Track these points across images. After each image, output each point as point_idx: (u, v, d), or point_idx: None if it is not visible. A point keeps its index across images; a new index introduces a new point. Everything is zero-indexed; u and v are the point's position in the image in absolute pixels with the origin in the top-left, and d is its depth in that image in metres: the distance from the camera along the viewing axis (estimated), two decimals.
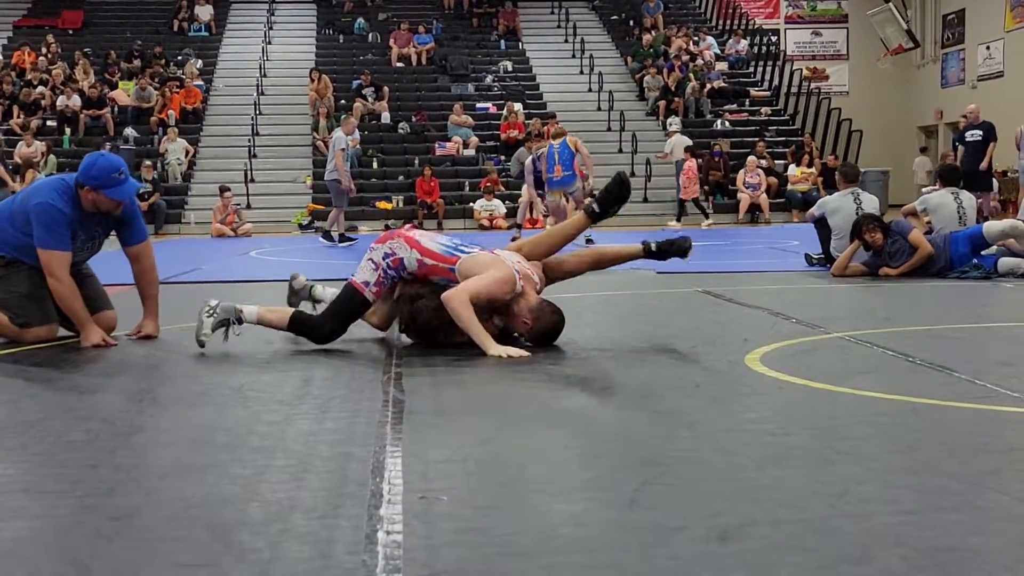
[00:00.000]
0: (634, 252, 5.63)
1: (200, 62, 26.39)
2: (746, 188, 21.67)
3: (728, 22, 29.54)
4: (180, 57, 26.43)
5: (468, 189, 22.30)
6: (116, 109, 23.97)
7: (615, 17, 29.73)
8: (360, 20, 28.82)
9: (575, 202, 14.47)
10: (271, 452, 3.20)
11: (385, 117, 24.53)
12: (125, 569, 2.24)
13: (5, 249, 5.48)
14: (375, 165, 23.12)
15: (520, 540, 2.37)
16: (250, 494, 2.74)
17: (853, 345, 5.21)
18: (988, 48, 28.18)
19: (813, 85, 27.00)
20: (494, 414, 3.78)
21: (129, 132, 23.18)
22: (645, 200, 22.32)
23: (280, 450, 3.23)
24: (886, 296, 7.73)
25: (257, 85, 25.67)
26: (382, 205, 21.69)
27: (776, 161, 22.95)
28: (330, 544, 2.34)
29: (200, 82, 25.36)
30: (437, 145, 23.53)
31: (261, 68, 26.44)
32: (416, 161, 23.01)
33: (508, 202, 21.21)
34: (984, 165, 16.60)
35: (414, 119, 24.33)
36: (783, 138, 24.35)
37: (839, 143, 23.82)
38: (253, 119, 24.12)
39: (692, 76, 25.54)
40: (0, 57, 25.65)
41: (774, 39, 29.10)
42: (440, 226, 20.35)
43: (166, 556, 2.31)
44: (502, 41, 28.35)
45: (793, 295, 7.87)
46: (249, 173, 22.21)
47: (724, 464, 3.00)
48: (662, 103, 24.74)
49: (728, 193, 22.19)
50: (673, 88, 25.30)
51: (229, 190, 20.07)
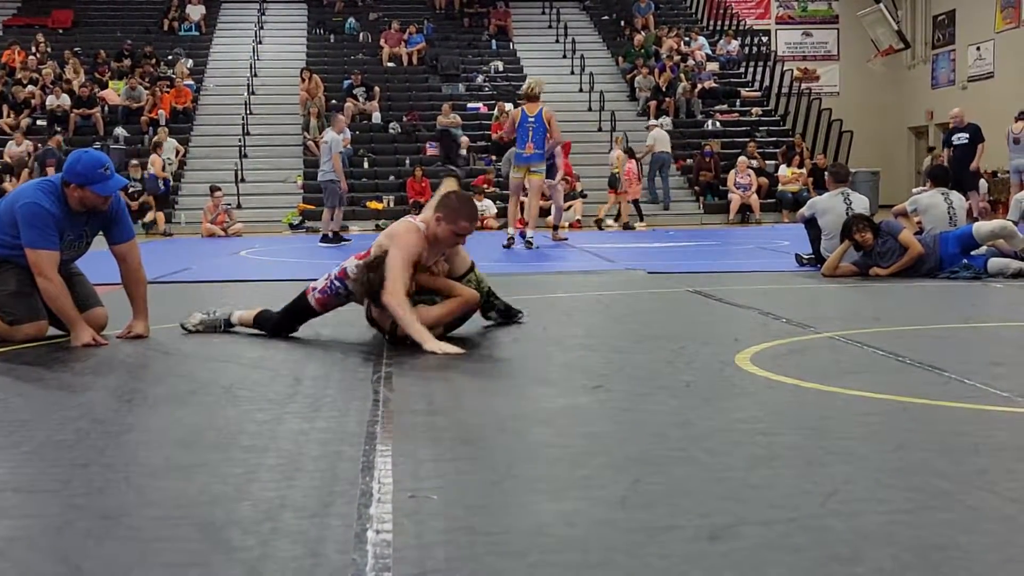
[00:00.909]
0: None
1: (191, 62, 26.37)
2: (736, 188, 21.70)
3: (719, 22, 29.59)
4: (170, 57, 26.40)
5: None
6: (106, 108, 23.92)
7: (606, 17, 29.76)
8: (351, 20, 28.82)
9: (546, 187, 14.29)
10: (261, 451, 3.20)
11: (376, 117, 24.52)
12: (115, 568, 2.23)
13: None
14: (366, 165, 23.11)
15: (510, 539, 2.37)
16: (240, 493, 2.74)
17: (843, 345, 5.22)
18: (978, 49, 28.26)
19: (804, 86, 27.05)
20: (484, 413, 3.78)
21: (119, 132, 23.15)
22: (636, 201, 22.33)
23: (270, 449, 3.22)
24: (876, 296, 7.74)
25: (248, 85, 25.64)
26: (373, 205, 21.68)
27: (767, 161, 22.98)
28: (320, 543, 2.34)
29: (191, 82, 25.33)
30: (428, 145, 23.52)
31: (252, 68, 26.41)
32: (407, 161, 23.01)
33: (499, 202, 21.20)
34: (975, 166, 16.65)
35: (405, 119, 24.33)
36: (774, 139, 24.38)
37: (830, 143, 23.86)
38: (244, 119, 24.09)
39: (683, 76, 25.57)
40: None
41: (765, 40, 29.16)
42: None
43: (156, 555, 2.30)
44: (493, 41, 28.36)
45: (783, 295, 7.88)
46: (240, 173, 22.19)
47: (715, 464, 3.00)
48: (653, 103, 24.76)
49: (719, 193, 22.22)
50: (664, 88, 25.32)
51: (220, 190, 20.05)
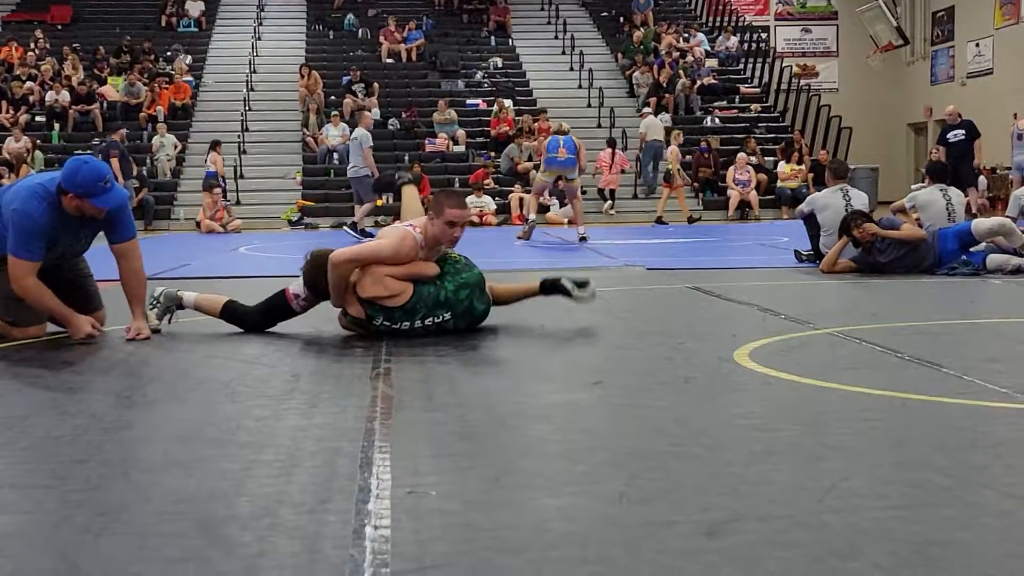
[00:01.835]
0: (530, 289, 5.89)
1: (189, 58, 26.33)
2: (736, 185, 21.68)
3: (718, 19, 29.56)
4: (169, 53, 26.36)
5: (458, 185, 22.28)
6: (105, 105, 23.90)
7: (605, 14, 29.72)
8: (350, 16, 28.78)
9: (568, 193, 14.64)
10: (260, 447, 3.20)
11: (375, 113, 24.49)
12: (113, 564, 2.23)
13: None
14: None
15: (509, 535, 2.37)
16: (238, 489, 2.74)
17: (842, 341, 5.22)
18: (977, 45, 28.25)
19: (803, 82, 27.03)
20: (482, 409, 3.78)
21: (122, 132, 23.09)
22: (635, 197, 22.33)
23: (269, 445, 3.22)
24: (874, 292, 7.74)
25: (247, 81, 25.61)
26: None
27: (766, 158, 22.97)
28: (318, 539, 2.34)
29: (189, 78, 25.29)
30: (427, 141, 23.51)
31: (251, 64, 26.38)
32: (406, 157, 22.99)
33: (498, 199, 21.21)
34: (977, 162, 16.67)
35: (404, 115, 24.31)
36: (773, 135, 24.37)
37: (829, 140, 23.84)
38: (243, 115, 24.07)
39: (682, 73, 25.55)
40: None
41: (764, 36, 29.13)
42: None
43: (154, 551, 2.30)
44: (492, 37, 28.33)
45: (782, 291, 7.88)
46: (239, 169, 22.16)
47: (713, 459, 3.01)
48: (652, 100, 24.74)
49: (718, 190, 22.21)
50: (663, 85, 25.31)
51: (219, 186, 20.02)
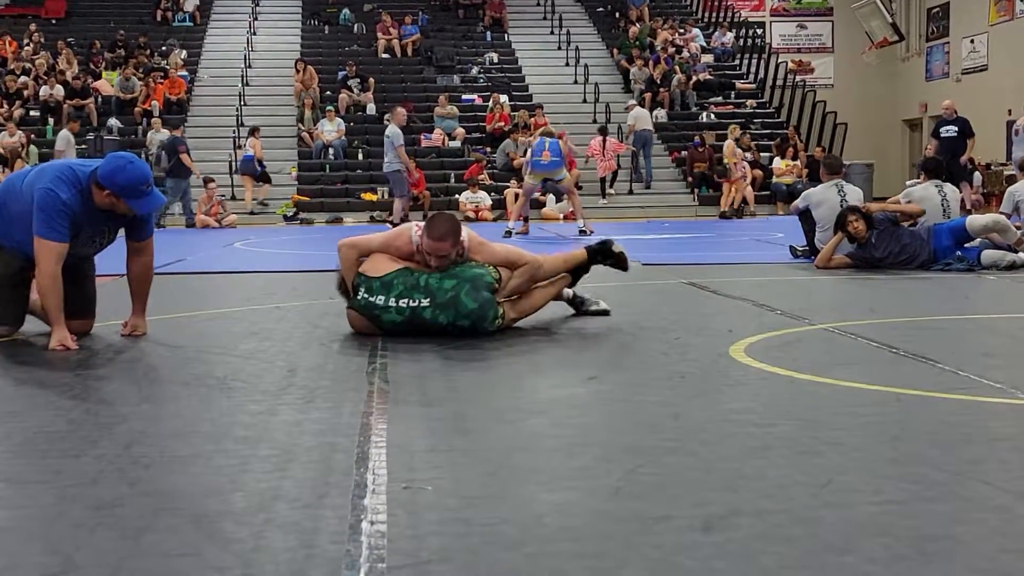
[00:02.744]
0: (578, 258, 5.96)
1: (184, 52, 26.29)
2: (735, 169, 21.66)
3: (713, 14, 29.56)
4: (164, 47, 26.32)
5: (454, 181, 22.28)
6: (100, 99, 23.86)
7: (601, 9, 29.72)
8: (345, 11, 28.75)
9: (563, 192, 14.68)
10: (255, 442, 3.19)
11: (370, 108, 24.48)
12: (108, 559, 2.23)
13: None
14: (360, 156, 23.08)
15: (505, 529, 2.37)
16: (234, 484, 2.73)
17: (837, 336, 5.23)
18: (972, 42, 28.27)
19: (798, 78, 27.03)
20: (479, 404, 3.78)
21: (113, 123, 23.10)
22: (631, 192, 22.34)
23: (264, 440, 3.22)
24: (870, 288, 7.75)
25: (242, 76, 25.58)
26: (367, 196, 21.65)
27: (761, 153, 22.98)
28: (314, 534, 2.34)
29: (184, 72, 25.26)
30: (423, 136, 23.50)
31: (246, 59, 26.34)
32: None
33: (494, 194, 21.20)
34: (965, 159, 16.68)
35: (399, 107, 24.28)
36: (768, 130, 24.38)
37: (824, 136, 23.86)
38: (238, 110, 24.04)
39: (678, 68, 25.55)
40: None
41: (759, 32, 29.13)
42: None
43: (150, 546, 2.30)
44: (488, 33, 28.31)
45: (778, 287, 7.88)
46: (234, 164, 22.13)
47: (708, 454, 3.01)
48: (647, 95, 24.74)
49: (713, 185, 22.21)
50: (659, 80, 25.31)
51: (213, 181, 20.01)
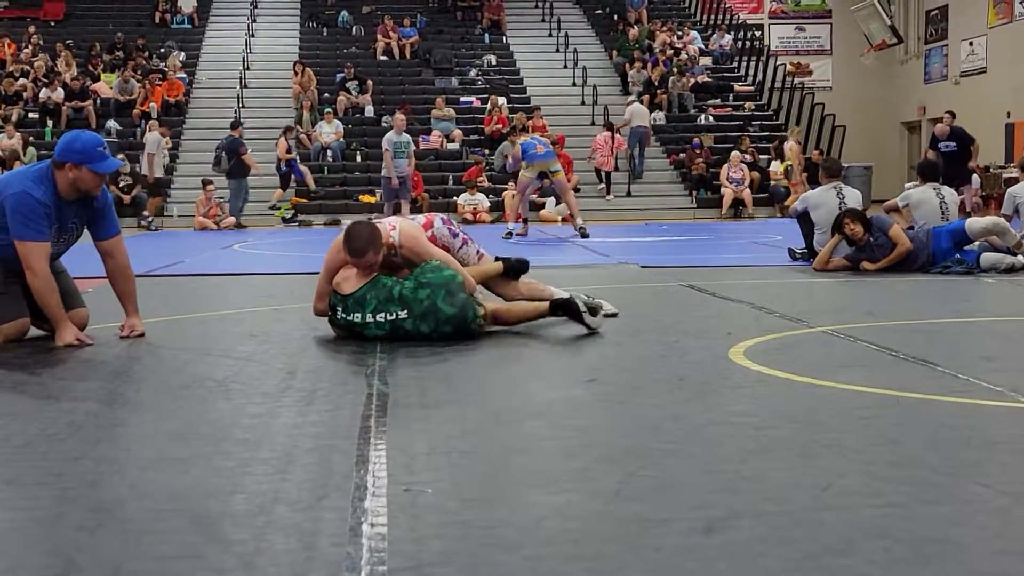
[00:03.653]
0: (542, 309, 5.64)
1: (183, 54, 26.28)
2: (729, 183, 21.70)
3: (712, 17, 29.58)
4: (163, 49, 26.32)
5: (452, 183, 22.28)
6: (98, 101, 23.85)
7: (599, 11, 29.73)
8: (344, 13, 28.75)
9: (559, 188, 14.61)
10: (255, 444, 3.19)
11: (369, 111, 24.48)
12: (108, 561, 2.23)
13: None
14: (358, 159, 23.08)
15: (505, 532, 2.37)
16: (234, 486, 2.73)
17: (836, 339, 5.23)
18: (971, 44, 28.29)
19: (796, 80, 27.05)
20: (478, 406, 3.78)
21: (111, 124, 23.08)
22: (629, 195, 22.34)
23: (264, 442, 3.22)
24: (869, 290, 7.75)
25: (240, 78, 25.57)
26: (365, 199, 21.65)
27: (760, 156, 22.99)
28: (315, 536, 2.34)
29: (183, 74, 25.25)
30: (421, 138, 23.49)
31: (244, 61, 26.34)
32: None
33: (492, 196, 21.20)
34: (972, 165, 16.73)
35: (398, 112, 24.28)
36: (767, 133, 24.39)
37: (822, 138, 23.87)
38: (236, 112, 24.03)
39: (676, 71, 25.56)
40: None
41: (758, 34, 29.14)
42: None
43: (150, 548, 2.30)
44: (486, 35, 28.31)
45: (776, 289, 7.89)
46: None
47: (708, 457, 3.01)
48: (645, 97, 24.75)
49: (711, 188, 22.23)
50: (657, 82, 25.32)
51: (212, 183, 19.99)
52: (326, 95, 24.42)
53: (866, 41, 29.71)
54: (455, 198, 21.40)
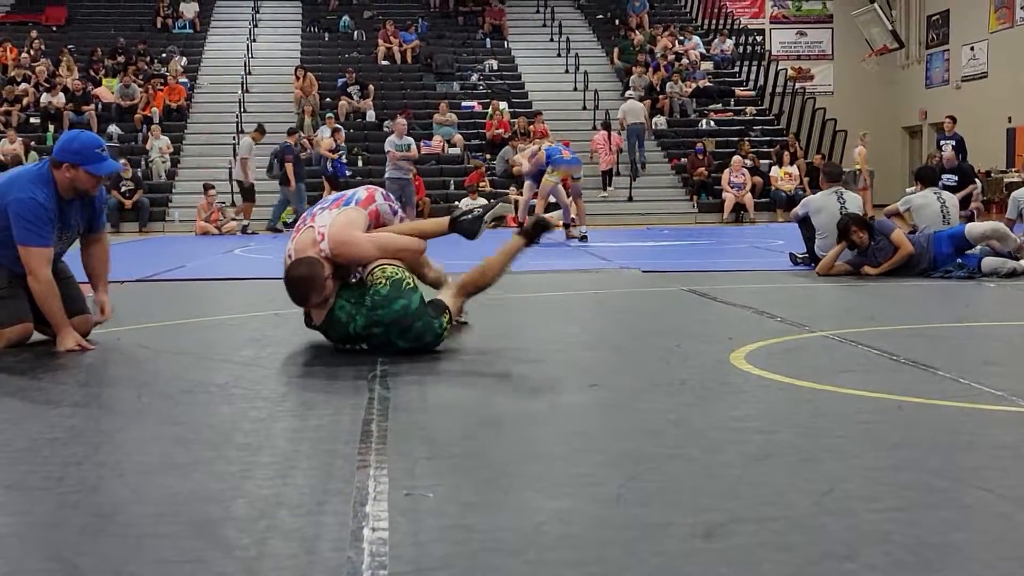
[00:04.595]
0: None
1: (184, 59, 26.32)
2: (731, 187, 21.71)
3: (713, 21, 29.60)
4: (164, 54, 26.35)
5: (453, 188, 22.29)
6: (100, 106, 23.88)
7: (600, 16, 29.76)
8: (345, 18, 28.79)
9: (574, 192, 14.68)
10: (256, 449, 3.19)
11: (370, 115, 24.50)
12: (110, 565, 2.23)
13: None
14: (360, 163, 23.09)
15: (506, 536, 2.37)
16: (235, 491, 2.73)
17: (837, 344, 5.23)
18: (972, 49, 28.31)
19: (798, 85, 27.08)
20: (479, 411, 3.78)
21: (113, 129, 23.11)
22: (630, 199, 22.35)
23: (265, 447, 3.22)
24: (870, 295, 7.75)
25: (242, 83, 25.60)
26: None
27: (761, 161, 23.00)
28: (316, 541, 2.34)
29: (184, 79, 25.28)
30: (422, 143, 23.51)
31: (246, 66, 26.37)
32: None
33: (493, 201, 21.20)
34: (972, 207, 16.72)
35: (399, 117, 24.30)
36: (768, 138, 24.40)
37: (824, 143, 23.89)
38: (238, 117, 24.06)
39: (677, 76, 25.59)
40: None
41: (759, 39, 29.17)
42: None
43: (151, 552, 2.30)
44: (488, 39, 28.35)
45: (778, 294, 7.88)
46: (234, 171, 22.13)
47: (709, 461, 3.01)
48: (647, 102, 24.78)
49: (713, 192, 22.23)
50: (658, 87, 25.34)
51: (213, 188, 20.02)
52: (328, 100, 24.45)
53: (867, 46, 29.74)
54: (456, 203, 21.41)
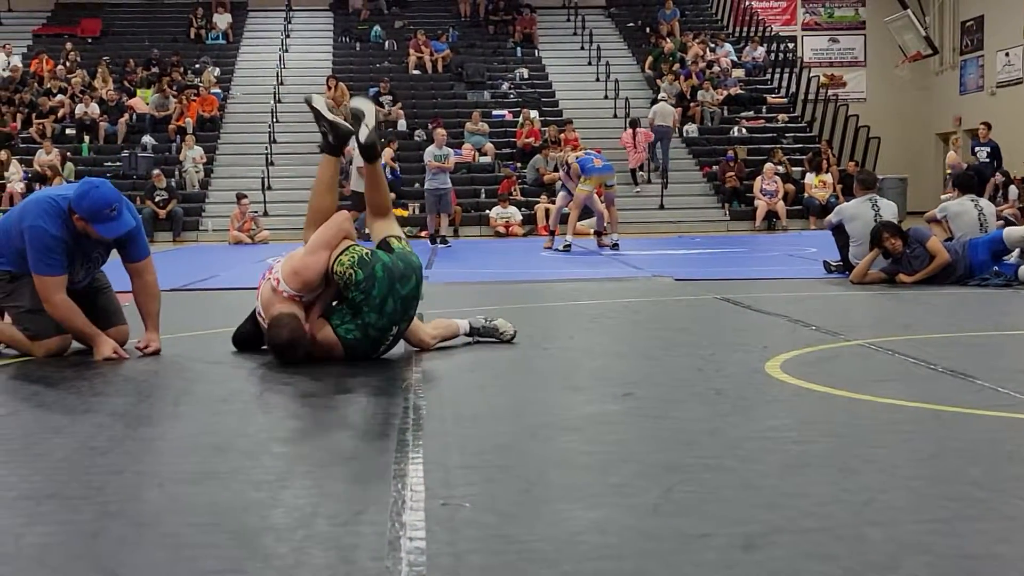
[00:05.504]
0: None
1: (217, 70, 26.48)
2: (763, 195, 21.62)
3: (744, 29, 29.51)
4: (197, 65, 26.53)
5: (484, 196, 22.31)
6: (134, 117, 24.08)
7: (631, 24, 29.73)
8: (376, 28, 28.89)
9: (608, 200, 14.68)
10: (293, 459, 3.21)
11: (401, 124, 24.57)
12: (150, 574, 2.24)
13: (9, 264, 5.33)
14: (390, 173, 23.15)
15: (543, 547, 2.36)
16: (273, 500, 2.74)
17: (874, 352, 5.19)
18: (1007, 55, 28.09)
19: (831, 92, 26.94)
20: (514, 420, 3.78)
21: (147, 140, 23.29)
22: (661, 207, 22.30)
23: (302, 456, 3.23)
24: (906, 303, 7.70)
25: (274, 93, 25.74)
26: (398, 212, 21.72)
27: (793, 168, 22.91)
28: (353, 550, 2.35)
29: (217, 90, 25.44)
30: (453, 152, 23.55)
31: (278, 76, 26.50)
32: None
33: (524, 209, 21.22)
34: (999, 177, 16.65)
35: (430, 126, 24.37)
36: (800, 145, 24.29)
37: (857, 150, 23.76)
38: (270, 126, 24.19)
39: (709, 83, 25.53)
40: (20, 65, 25.79)
41: (791, 46, 29.06)
42: (456, 233, 20.38)
43: (190, 562, 2.31)
44: (518, 48, 28.37)
45: (812, 302, 7.84)
46: (266, 180, 22.26)
47: (747, 471, 2.99)
48: (678, 110, 24.73)
49: (745, 200, 22.16)
50: (689, 95, 25.29)
51: (246, 197, 20.12)
52: None
53: (901, 52, 29.55)
54: (487, 211, 21.45)
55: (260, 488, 2.87)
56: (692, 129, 24.65)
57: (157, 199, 20.81)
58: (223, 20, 28.83)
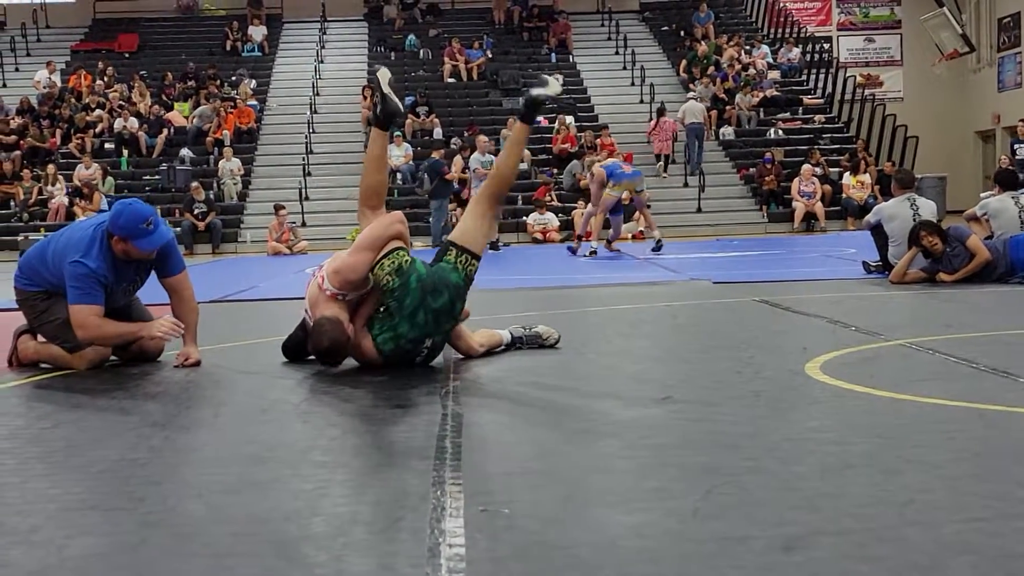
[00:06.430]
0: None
1: (254, 82, 26.67)
2: (801, 196, 21.51)
3: (779, 30, 29.38)
4: (234, 77, 26.73)
5: (521, 203, 22.32)
6: (172, 130, 24.29)
7: (665, 28, 29.67)
8: (411, 37, 28.99)
9: (638, 204, 14.71)
10: (332, 467, 3.22)
11: (437, 132, 24.64)
12: None
13: (43, 285, 5.41)
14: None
15: (584, 552, 2.36)
16: (313, 509, 2.75)
17: (915, 352, 5.15)
18: None
19: (867, 92, 26.76)
20: (552, 426, 3.78)
21: (185, 152, 23.49)
22: (699, 210, 22.22)
23: (341, 465, 3.24)
24: (946, 302, 7.63)
25: (310, 103, 25.89)
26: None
27: (831, 169, 22.77)
28: (393, 557, 2.35)
29: (254, 102, 25.62)
30: (494, 160, 23.59)
31: (314, 86, 26.66)
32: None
33: (561, 215, 21.21)
34: None
35: (466, 134, 24.41)
36: (837, 146, 24.15)
37: (895, 149, 23.59)
38: (307, 137, 24.33)
39: (744, 85, 25.43)
40: (58, 81, 26.09)
41: (826, 46, 28.90)
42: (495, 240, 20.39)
43: (231, 571, 2.32)
44: (553, 54, 28.38)
45: (852, 303, 7.79)
46: (304, 191, 22.38)
47: (787, 473, 2.97)
48: (713, 113, 24.64)
49: (782, 202, 22.04)
50: (724, 98, 25.20)
51: (284, 208, 20.24)
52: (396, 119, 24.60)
53: (937, 51, 29.33)
54: (524, 218, 21.45)
55: (299, 497, 2.88)
56: (728, 132, 24.56)
57: (196, 211, 20.98)
58: (258, 32, 29.03)
